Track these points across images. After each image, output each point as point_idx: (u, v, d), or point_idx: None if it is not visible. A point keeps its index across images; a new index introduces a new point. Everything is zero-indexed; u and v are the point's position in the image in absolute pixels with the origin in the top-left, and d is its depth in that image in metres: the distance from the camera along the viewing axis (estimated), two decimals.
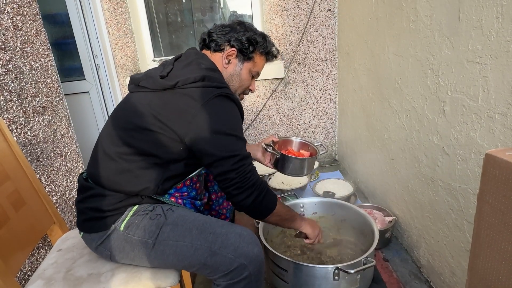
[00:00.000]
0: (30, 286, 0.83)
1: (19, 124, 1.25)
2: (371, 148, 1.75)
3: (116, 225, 0.87)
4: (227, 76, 1.02)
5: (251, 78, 1.06)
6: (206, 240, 0.82)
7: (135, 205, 0.89)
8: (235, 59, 1.01)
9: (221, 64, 1.01)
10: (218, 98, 0.87)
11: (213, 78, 0.91)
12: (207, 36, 1.03)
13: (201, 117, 0.85)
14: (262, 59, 1.06)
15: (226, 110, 0.89)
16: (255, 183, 0.87)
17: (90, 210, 0.88)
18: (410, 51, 1.25)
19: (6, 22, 1.24)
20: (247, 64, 1.02)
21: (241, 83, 1.04)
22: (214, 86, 0.89)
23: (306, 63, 2.29)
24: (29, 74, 1.34)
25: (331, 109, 2.41)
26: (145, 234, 0.84)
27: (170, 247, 0.82)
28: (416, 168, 1.29)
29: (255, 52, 1.01)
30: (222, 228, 0.84)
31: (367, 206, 1.62)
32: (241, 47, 0.99)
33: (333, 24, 2.20)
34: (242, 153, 0.87)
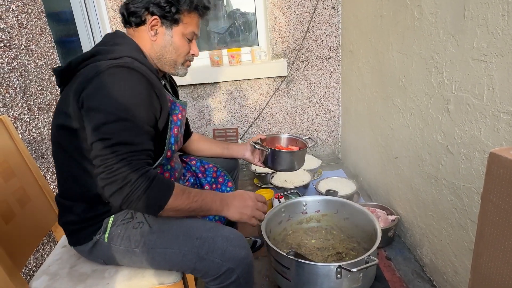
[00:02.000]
0: (35, 282, 0.84)
1: (24, 121, 1.26)
2: (375, 147, 1.74)
3: (99, 236, 0.85)
4: (159, 49, 0.91)
5: (188, 42, 0.94)
6: (193, 245, 0.80)
7: (109, 214, 0.87)
8: (162, 28, 0.88)
9: (148, 39, 0.89)
10: (110, 70, 0.76)
11: (109, 50, 0.81)
12: (124, 8, 0.89)
13: (86, 92, 0.75)
14: (193, 17, 0.92)
15: (116, 84, 0.75)
16: (126, 177, 0.71)
17: (67, 224, 0.88)
18: (415, 49, 1.24)
19: (11, 20, 1.24)
20: (177, 29, 0.90)
21: (177, 52, 0.93)
22: (110, 58, 0.79)
23: (309, 61, 2.28)
24: (34, 71, 1.35)
25: (334, 107, 2.40)
26: (131, 244, 0.83)
27: (159, 254, 0.82)
28: (420, 167, 1.28)
29: (181, 12, 0.88)
30: (209, 232, 0.82)
31: (370, 204, 1.62)
32: (162, 12, 0.86)
33: (336, 22, 2.19)
34: (118, 138, 0.72)
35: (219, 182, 1.26)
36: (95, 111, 0.74)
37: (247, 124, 2.43)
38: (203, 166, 1.24)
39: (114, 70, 0.76)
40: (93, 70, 0.77)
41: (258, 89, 2.34)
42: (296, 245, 1.29)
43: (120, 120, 0.74)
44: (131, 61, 0.80)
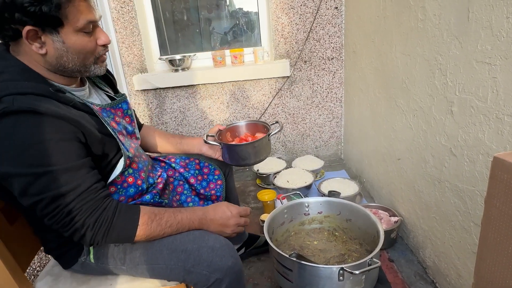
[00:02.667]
0: (39, 282, 0.85)
1: None
2: (377, 148, 1.74)
3: (84, 258, 0.85)
4: (54, 61, 0.72)
5: (88, 37, 0.73)
6: (178, 259, 0.79)
7: None
8: (45, 35, 0.68)
9: (35, 53, 0.70)
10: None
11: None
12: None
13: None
14: (78, 3, 0.69)
15: (7, 138, 0.63)
16: (84, 224, 0.68)
17: (49, 251, 0.87)
18: (418, 51, 1.23)
19: None
20: (65, 29, 0.69)
21: (80, 54, 0.73)
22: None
23: (312, 62, 2.28)
24: None
25: (337, 108, 2.40)
26: (116, 262, 0.83)
27: (146, 270, 0.81)
28: (423, 168, 1.28)
29: (59, 8, 0.66)
30: (193, 244, 0.80)
31: (372, 206, 1.61)
32: (33, 18, 0.65)
33: (339, 22, 2.18)
34: (49, 193, 0.65)
35: (205, 172, 1.19)
36: (9, 176, 0.65)
37: None
38: (183, 161, 1.17)
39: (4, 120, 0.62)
40: None
41: (261, 89, 2.34)
42: (298, 246, 1.29)
43: (40, 177, 0.65)
44: (12, 99, 0.63)
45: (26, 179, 0.64)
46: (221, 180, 1.20)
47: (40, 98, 0.66)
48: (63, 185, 0.66)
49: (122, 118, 0.88)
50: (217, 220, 0.86)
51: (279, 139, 2.47)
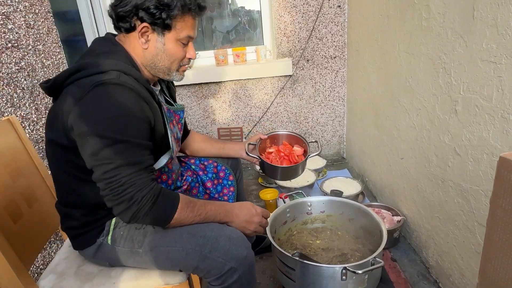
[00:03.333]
0: (43, 280, 0.85)
1: (31, 121, 1.27)
2: (380, 147, 1.73)
3: (102, 239, 0.86)
4: (151, 57, 0.85)
5: (183, 47, 0.87)
6: (196, 243, 0.80)
7: (111, 217, 0.87)
8: (153, 34, 0.82)
9: (139, 46, 0.84)
10: (96, 89, 0.72)
11: (94, 64, 0.76)
12: (112, 11, 0.82)
13: (74, 116, 0.72)
14: (188, 19, 0.84)
15: (104, 104, 0.72)
16: (133, 197, 0.72)
17: (69, 229, 0.88)
18: (422, 49, 1.22)
19: (19, 20, 1.26)
20: (170, 35, 0.83)
21: (171, 59, 0.87)
22: (95, 72, 0.74)
23: (314, 60, 2.27)
24: (41, 71, 1.36)
25: (339, 107, 2.39)
26: (134, 244, 0.84)
27: (162, 253, 0.82)
28: (426, 168, 1.27)
29: (173, 18, 0.81)
30: (212, 232, 0.82)
31: (375, 205, 1.61)
32: (152, 19, 0.79)
33: (342, 21, 2.17)
34: (118, 161, 0.71)
35: (220, 176, 1.26)
36: (88, 135, 0.71)
37: (252, 123, 2.43)
38: (202, 163, 1.23)
39: (100, 88, 0.72)
40: (79, 91, 0.73)
41: (263, 88, 2.34)
42: (300, 245, 1.29)
43: (116, 143, 0.72)
44: (118, 75, 0.75)
45: (104, 142, 0.71)
46: (234, 187, 1.25)
47: (136, 82, 0.78)
48: (130, 157, 0.73)
49: (176, 124, 0.99)
50: (242, 216, 0.90)
51: None
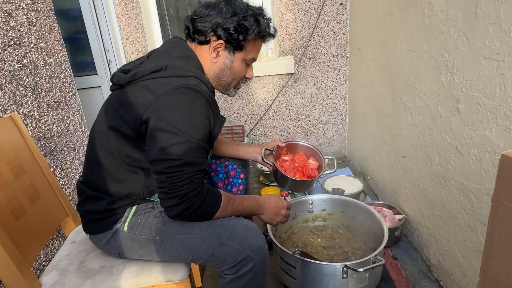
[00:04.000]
0: (45, 277, 0.85)
1: (34, 118, 1.28)
2: (382, 145, 1.73)
3: (119, 226, 0.87)
4: (217, 71, 0.92)
5: (245, 66, 0.95)
6: (214, 231, 0.82)
7: (132, 205, 0.89)
8: (224, 51, 0.89)
9: (209, 59, 0.90)
10: (178, 90, 0.77)
11: (177, 67, 0.82)
12: (190, 23, 0.89)
13: (152, 110, 0.77)
14: (258, 43, 0.92)
15: (183, 106, 0.77)
16: (187, 194, 0.77)
17: (88, 212, 0.89)
18: (424, 47, 1.22)
19: (21, 18, 1.26)
20: (239, 54, 0.90)
21: (234, 76, 0.94)
22: (178, 75, 0.80)
23: (316, 58, 2.27)
24: (43, 69, 1.36)
25: (341, 105, 2.39)
26: (152, 232, 0.85)
27: (178, 240, 0.83)
28: (428, 166, 1.27)
29: (247, 40, 0.88)
30: (229, 221, 0.84)
31: (376, 203, 1.61)
32: (228, 37, 0.86)
33: (344, 18, 2.16)
34: (184, 158, 0.76)
35: (231, 175, 1.26)
36: (164, 131, 0.76)
37: (254, 121, 2.43)
38: (214, 163, 1.25)
39: (182, 90, 0.78)
40: (162, 88, 0.78)
41: (265, 86, 2.34)
42: (302, 243, 1.29)
43: (187, 142, 0.77)
44: (198, 83, 0.80)
45: (176, 139, 0.76)
46: (243, 185, 1.26)
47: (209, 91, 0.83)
48: (195, 158, 0.78)
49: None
50: (271, 209, 0.97)
51: (283, 136, 2.47)
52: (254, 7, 0.92)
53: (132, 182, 0.86)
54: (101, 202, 0.87)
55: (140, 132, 0.80)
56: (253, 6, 0.92)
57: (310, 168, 1.23)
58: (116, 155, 0.85)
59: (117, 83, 0.87)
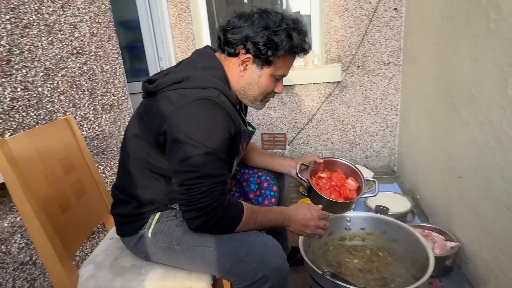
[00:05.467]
0: (83, 269, 0.92)
1: (89, 120, 1.40)
2: (435, 162, 1.57)
3: (143, 231, 0.89)
4: (244, 84, 0.90)
5: (274, 82, 0.91)
6: (232, 246, 0.81)
7: (156, 211, 0.91)
8: (252, 65, 0.87)
9: (236, 72, 0.89)
10: (197, 102, 0.77)
11: (198, 78, 0.81)
12: (222, 33, 0.88)
13: (171, 122, 0.77)
14: (288, 59, 0.89)
15: (201, 117, 0.77)
16: (206, 207, 0.76)
17: (118, 215, 0.93)
18: (489, 56, 1.08)
19: (84, 29, 1.39)
20: (268, 70, 0.87)
21: (261, 91, 0.91)
22: (198, 86, 0.79)
23: (366, 67, 2.15)
24: (100, 75, 1.49)
25: (391, 116, 2.23)
26: (172, 240, 0.86)
27: (197, 252, 0.83)
28: (489, 191, 1.11)
29: (276, 56, 0.85)
30: (249, 236, 0.82)
31: (426, 227, 1.46)
32: (257, 52, 0.84)
33: (398, 24, 2.03)
34: (203, 170, 0.76)
35: (264, 187, 1.24)
36: (182, 143, 0.76)
37: (296, 130, 2.38)
38: (246, 173, 1.23)
39: (201, 102, 0.77)
40: (181, 100, 0.78)
41: (309, 94, 2.28)
42: (336, 263, 1.22)
43: (206, 154, 0.76)
44: (217, 94, 0.80)
45: (195, 150, 0.76)
46: (275, 198, 1.23)
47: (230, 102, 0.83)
48: (214, 169, 0.77)
49: (245, 145, 1.03)
50: (298, 221, 0.93)
51: (326, 146, 2.38)
52: (290, 20, 0.86)
53: (154, 188, 0.88)
54: (129, 206, 0.90)
55: (160, 142, 0.82)
56: (289, 19, 0.87)
57: (348, 189, 1.13)
58: (140, 161, 0.87)
59: (144, 92, 0.89)
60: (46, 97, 1.17)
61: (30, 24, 1.12)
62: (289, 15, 0.89)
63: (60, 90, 1.24)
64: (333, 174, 1.17)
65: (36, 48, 1.14)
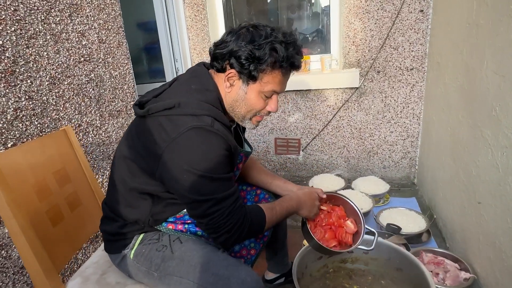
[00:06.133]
0: (71, 282, 0.93)
1: (95, 126, 1.42)
2: (455, 182, 1.44)
3: (126, 252, 0.89)
4: (231, 101, 0.87)
5: (263, 99, 0.87)
6: (207, 281, 0.78)
7: (140, 232, 0.90)
8: (239, 81, 0.84)
9: (223, 88, 0.86)
10: (192, 132, 0.76)
11: (190, 104, 0.79)
12: (212, 49, 0.86)
13: (170, 153, 0.77)
14: (276, 75, 0.83)
15: (199, 147, 0.77)
16: (234, 226, 0.78)
17: (104, 232, 0.93)
18: None
19: (92, 36, 1.41)
20: (254, 86, 0.84)
21: (248, 108, 0.87)
22: (190, 113, 0.78)
23: (386, 72, 2.02)
24: (108, 81, 1.50)
25: (413, 126, 2.09)
26: (151, 266, 0.85)
27: (175, 282, 0.82)
28: (510, 223, 0.99)
29: (261, 71, 0.81)
30: (226, 270, 0.79)
31: (439, 252, 1.34)
32: (240, 68, 0.81)
33: (424, 27, 1.88)
34: (218, 195, 0.77)
35: None
36: (188, 173, 0.76)
37: (311, 136, 2.30)
38: (244, 190, 1.19)
39: (195, 132, 0.77)
40: (175, 129, 0.77)
41: (325, 100, 2.19)
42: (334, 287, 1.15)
43: (214, 180, 0.77)
44: (211, 121, 0.79)
45: (202, 180, 0.76)
46: None
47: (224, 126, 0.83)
48: (227, 191, 0.79)
49: (240, 168, 1.03)
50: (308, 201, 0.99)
51: (342, 154, 2.28)
52: (280, 34, 0.82)
53: (139, 209, 0.88)
54: (115, 224, 0.90)
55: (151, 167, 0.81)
56: (280, 33, 0.82)
57: (345, 231, 1.03)
58: (128, 182, 0.87)
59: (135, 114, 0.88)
60: (51, 106, 1.20)
61: (36, 35, 1.14)
62: (281, 29, 0.84)
63: (66, 98, 1.26)
64: (334, 209, 1.08)
65: (41, 58, 1.16)
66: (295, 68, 0.86)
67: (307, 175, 2.37)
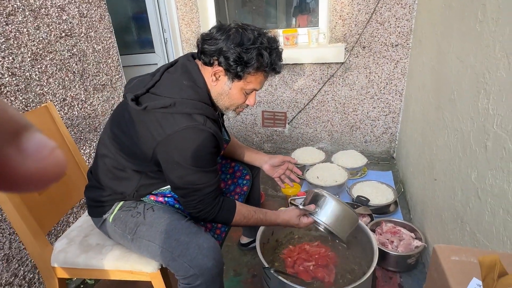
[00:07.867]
0: (58, 242, 1.06)
1: (80, 100, 1.49)
2: (421, 159, 1.52)
3: (106, 216, 1.00)
4: (215, 94, 0.95)
5: (244, 95, 0.96)
6: (170, 245, 0.89)
7: (121, 200, 1.01)
8: (224, 77, 0.92)
9: (210, 80, 0.94)
10: (186, 131, 0.85)
11: (185, 104, 0.87)
12: (200, 42, 0.92)
13: (164, 147, 0.86)
14: (258, 76, 0.93)
15: (191, 145, 0.86)
16: (201, 211, 0.93)
17: (88, 198, 1.04)
18: (471, 60, 0.99)
19: (73, 11, 1.43)
20: (238, 83, 0.92)
21: (231, 102, 0.96)
22: (185, 112, 0.86)
23: (372, 48, 2.03)
24: (91, 56, 1.54)
25: (395, 102, 2.13)
26: (126, 229, 0.96)
27: (144, 244, 0.93)
28: (451, 200, 1.09)
29: (246, 72, 0.90)
30: (186, 237, 0.89)
31: (399, 223, 1.46)
32: (227, 67, 0.89)
33: (411, 2, 1.85)
34: (196, 186, 0.89)
35: (236, 176, 1.30)
36: (177, 164, 0.87)
37: (297, 109, 2.36)
38: (219, 163, 1.28)
39: (190, 131, 0.86)
40: (171, 127, 0.86)
41: (311, 74, 2.22)
42: None
43: (197, 172, 0.89)
44: (204, 120, 0.88)
45: (188, 171, 0.88)
46: (247, 187, 1.29)
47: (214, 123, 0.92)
48: (206, 182, 0.91)
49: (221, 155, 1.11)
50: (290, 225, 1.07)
51: (326, 128, 2.35)
52: (266, 39, 0.90)
53: (126, 182, 0.97)
54: (100, 192, 1.00)
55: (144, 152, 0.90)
56: (265, 38, 0.90)
57: None
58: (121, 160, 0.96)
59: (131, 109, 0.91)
60: (35, 81, 1.26)
61: (14, 11, 1.17)
62: (266, 33, 0.92)
63: (49, 73, 1.32)
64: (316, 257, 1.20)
65: (21, 34, 1.20)
66: (276, 73, 0.95)
67: (293, 147, 2.46)
